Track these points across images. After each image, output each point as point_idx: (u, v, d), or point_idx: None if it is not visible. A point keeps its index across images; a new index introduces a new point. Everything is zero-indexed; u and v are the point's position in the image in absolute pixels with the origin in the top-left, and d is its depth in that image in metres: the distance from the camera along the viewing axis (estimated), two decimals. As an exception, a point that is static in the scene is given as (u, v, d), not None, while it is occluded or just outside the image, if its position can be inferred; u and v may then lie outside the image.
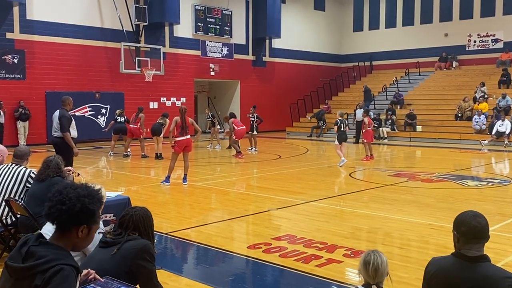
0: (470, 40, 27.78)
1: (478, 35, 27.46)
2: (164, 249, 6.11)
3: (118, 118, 16.23)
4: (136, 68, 21.08)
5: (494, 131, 20.02)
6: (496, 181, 11.32)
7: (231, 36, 26.05)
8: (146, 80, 21.35)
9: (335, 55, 32.32)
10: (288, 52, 29.00)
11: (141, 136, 15.94)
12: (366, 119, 15.20)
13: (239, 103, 26.73)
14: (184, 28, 23.86)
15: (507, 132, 19.74)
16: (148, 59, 21.50)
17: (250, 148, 17.73)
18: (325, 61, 31.55)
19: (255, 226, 7.35)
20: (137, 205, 3.68)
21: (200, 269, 5.62)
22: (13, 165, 5.63)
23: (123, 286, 2.71)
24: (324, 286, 4.84)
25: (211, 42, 25.26)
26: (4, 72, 18.57)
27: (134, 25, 21.79)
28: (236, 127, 16.52)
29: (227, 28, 25.84)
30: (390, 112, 23.58)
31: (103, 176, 12.79)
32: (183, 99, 23.85)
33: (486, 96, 22.83)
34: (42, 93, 19.49)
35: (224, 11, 25.58)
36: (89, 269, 2.83)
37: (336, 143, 13.93)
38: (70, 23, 20.12)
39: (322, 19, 31.28)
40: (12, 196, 5.36)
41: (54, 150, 8.93)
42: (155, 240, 4.09)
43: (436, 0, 28.69)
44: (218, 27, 25.44)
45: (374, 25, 31.37)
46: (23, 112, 18.77)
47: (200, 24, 24.62)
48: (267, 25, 26.41)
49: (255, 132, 17.80)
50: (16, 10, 18.67)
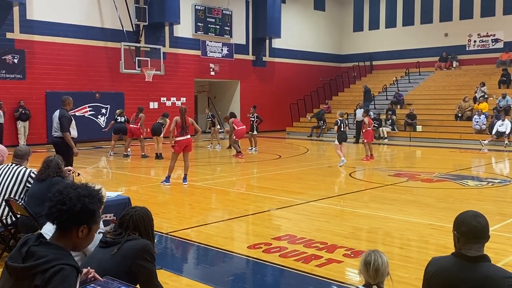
0: (470, 40, 27.78)
1: (478, 35, 27.46)
2: (164, 249, 6.11)
3: (118, 118, 16.23)
4: (136, 68, 21.08)
5: (494, 131, 20.01)
6: (496, 181, 11.32)
7: (231, 36, 26.05)
8: (146, 80, 21.35)
9: (335, 55, 32.32)
10: (288, 52, 28.99)
11: (141, 136, 15.94)
12: (366, 119, 15.20)
13: (239, 103, 26.73)
14: (184, 28, 23.86)
15: (507, 132, 19.74)
16: (148, 59, 21.49)
17: (250, 148, 17.72)
18: (325, 61, 31.55)
19: (255, 226, 7.35)
20: (137, 205, 3.68)
21: (200, 269, 5.62)
22: (13, 165, 5.63)
23: (123, 286, 2.71)
24: (324, 286, 4.84)
25: (211, 42, 25.26)
26: (4, 72, 18.57)
27: (134, 25, 21.79)
28: (236, 127, 16.52)
29: (227, 28, 25.84)
30: (390, 112, 23.58)
31: (103, 176, 12.80)
32: (183, 99, 23.85)
33: (486, 96, 22.83)
34: (42, 93, 19.50)
35: (224, 11, 25.58)
36: (88, 267, 2.83)
37: (336, 143, 13.93)
38: (70, 23, 20.12)
39: (322, 19, 31.27)
40: (12, 196, 5.36)
41: (54, 150, 8.93)
42: (155, 240, 4.09)
43: (436, 0, 28.68)
44: (218, 27, 25.44)
45: (374, 25, 31.36)
46: (23, 112, 18.77)
47: (200, 24, 24.62)
48: (267, 25, 26.40)
49: (255, 132, 17.80)
50: (16, 10, 18.67)
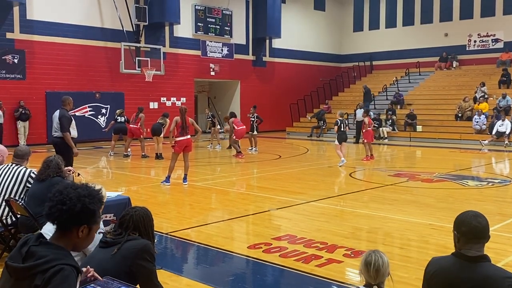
0: (470, 40, 27.77)
1: (478, 35, 27.46)
2: (164, 249, 6.11)
3: (118, 118, 16.23)
4: (136, 68, 21.08)
5: (494, 131, 20.01)
6: (496, 181, 11.32)
7: (231, 36, 26.05)
8: (146, 80, 21.35)
9: (335, 55, 32.31)
10: (288, 52, 28.99)
11: (141, 136, 15.95)
12: (366, 119, 15.20)
13: (239, 103, 26.72)
14: (184, 28, 23.86)
15: (507, 132, 19.74)
16: (148, 59, 21.49)
17: (250, 148, 17.72)
18: (325, 61, 31.54)
19: (255, 226, 7.35)
20: (137, 205, 3.68)
21: (200, 269, 5.62)
22: (13, 165, 5.63)
23: (123, 286, 2.71)
24: (324, 286, 4.84)
25: (211, 42, 25.25)
26: (4, 72, 18.57)
27: (134, 25, 21.78)
28: (236, 127, 16.52)
29: (227, 28, 25.84)
30: (390, 112, 23.57)
31: (103, 176, 12.80)
32: (183, 99, 23.85)
33: (486, 96, 22.83)
34: (42, 93, 19.50)
35: (224, 11, 25.58)
36: (88, 266, 2.83)
37: (336, 143, 13.93)
38: (70, 23, 20.11)
39: (322, 19, 31.27)
40: (12, 196, 5.36)
41: (54, 150, 8.93)
42: (155, 240, 4.08)
43: (436, 0, 28.68)
44: (218, 27, 25.44)
45: (374, 25, 31.36)
46: (23, 112, 18.77)
47: (200, 24, 24.62)
48: (267, 25, 26.40)
49: (255, 132, 17.79)
50: (16, 10, 18.67)
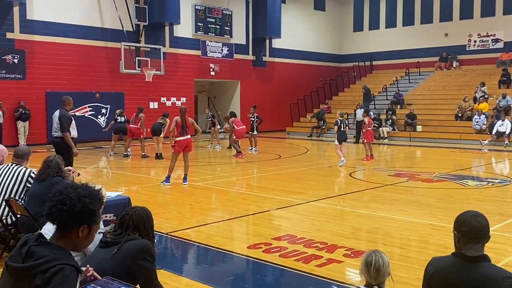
0: (470, 40, 27.77)
1: (478, 35, 27.46)
2: (164, 249, 6.11)
3: (118, 118, 16.23)
4: (136, 68, 21.08)
5: (494, 131, 20.01)
6: (496, 181, 11.32)
7: (231, 36, 26.04)
8: (146, 80, 21.35)
9: (335, 55, 32.31)
10: (288, 52, 28.99)
11: (141, 136, 15.94)
12: (366, 119, 15.20)
13: (239, 103, 26.72)
14: (184, 28, 23.86)
15: (507, 132, 19.74)
16: (148, 59, 21.49)
17: (250, 148, 17.72)
18: (325, 61, 31.54)
19: (255, 226, 7.35)
20: (137, 205, 3.68)
21: (200, 269, 5.62)
22: (13, 165, 5.62)
23: (123, 286, 2.71)
24: (324, 286, 4.84)
25: (211, 42, 25.25)
26: (4, 72, 18.57)
27: (134, 25, 21.78)
28: (236, 127, 16.52)
29: (227, 28, 25.83)
30: (390, 112, 23.57)
31: (103, 176, 12.80)
32: (183, 99, 23.85)
33: (486, 96, 22.83)
34: (42, 93, 19.49)
35: (224, 11, 25.58)
36: (88, 265, 2.83)
37: (336, 143, 13.93)
38: (70, 23, 20.11)
39: (322, 19, 31.27)
40: (12, 196, 5.36)
41: (54, 150, 8.93)
42: (155, 240, 4.08)
43: (436, 0, 28.68)
44: (218, 27, 25.44)
45: (374, 25, 31.36)
46: (23, 112, 18.77)
47: (200, 24, 24.61)
48: (267, 25, 26.40)
49: (255, 132, 17.79)
50: (16, 10, 18.66)
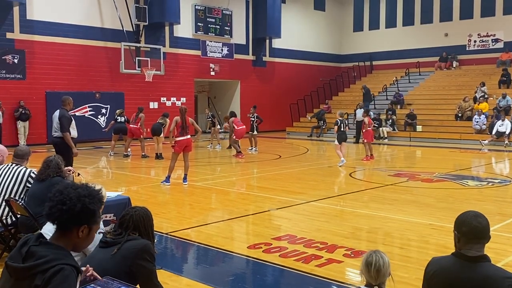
0: (470, 40, 27.77)
1: (478, 35, 27.46)
2: (164, 249, 6.11)
3: (118, 118, 16.23)
4: (136, 68, 21.08)
5: (494, 131, 20.01)
6: (496, 181, 11.32)
7: (231, 36, 26.04)
8: (146, 80, 21.35)
9: (335, 55, 32.31)
10: (288, 52, 28.99)
11: (141, 136, 15.94)
12: (366, 119, 15.20)
13: (239, 103, 26.72)
14: (184, 28, 23.86)
15: (507, 132, 19.73)
16: (148, 59, 21.49)
17: (250, 148, 17.72)
18: (325, 61, 31.54)
19: (255, 226, 7.35)
20: (137, 205, 3.68)
21: (200, 269, 5.62)
22: (13, 165, 5.62)
23: (123, 286, 2.71)
24: (324, 286, 4.84)
25: (211, 42, 25.25)
26: (4, 72, 18.57)
27: (134, 25, 21.78)
28: (236, 127, 16.51)
29: (227, 28, 25.83)
30: (390, 112, 23.57)
31: (103, 176, 12.79)
32: (183, 99, 23.85)
33: (486, 96, 22.83)
34: (42, 93, 19.49)
35: (224, 11, 25.58)
36: (87, 265, 2.83)
37: (336, 143, 13.93)
38: (70, 23, 20.11)
39: (322, 19, 31.27)
40: (12, 196, 5.36)
41: (54, 150, 8.93)
42: (155, 240, 4.08)
43: (436, 0, 28.68)
44: (218, 27, 25.43)
45: (374, 25, 31.36)
46: (23, 112, 18.77)
47: (200, 24, 24.61)
48: (267, 25, 26.40)
49: (255, 132, 17.79)
50: (16, 10, 18.66)
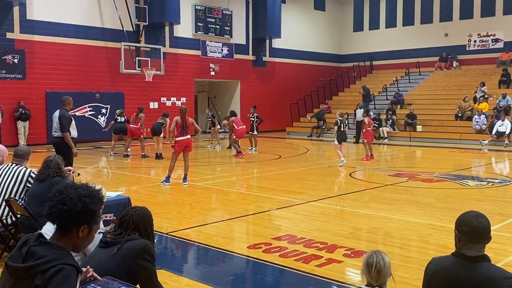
0: (470, 40, 27.77)
1: (478, 35, 27.46)
2: (164, 249, 6.11)
3: (118, 118, 16.23)
4: (136, 68, 21.08)
5: (494, 131, 20.01)
6: (496, 181, 11.32)
7: (231, 36, 26.04)
8: (146, 80, 21.35)
9: (335, 55, 32.31)
10: (288, 52, 28.99)
11: (141, 136, 15.94)
12: (366, 119, 15.20)
13: (239, 103, 26.71)
14: (184, 28, 23.86)
15: (507, 132, 19.73)
16: (148, 59, 21.49)
17: (250, 148, 17.72)
18: (325, 61, 31.54)
19: (255, 226, 7.35)
20: (137, 205, 3.68)
21: (200, 269, 5.62)
22: (13, 165, 5.62)
23: (123, 286, 2.71)
24: (324, 286, 4.84)
25: (211, 42, 25.25)
26: (4, 72, 18.56)
27: (134, 25, 21.78)
28: (236, 127, 16.51)
29: (227, 28, 25.83)
30: (390, 112, 23.57)
31: (103, 176, 12.79)
32: (183, 99, 23.85)
33: (486, 96, 22.83)
34: (42, 93, 19.49)
35: (224, 11, 25.58)
36: (88, 266, 2.83)
37: (336, 143, 13.93)
38: (70, 23, 20.11)
39: (322, 19, 31.27)
40: (12, 196, 5.36)
41: (54, 150, 8.93)
42: (155, 240, 4.09)
43: (436, 0, 28.68)
44: (218, 27, 25.43)
45: (374, 25, 31.36)
46: (23, 112, 18.76)
47: (200, 24, 24.62)
48: (267, 25, 26.40)
49: (255, 132, 17.79)
50: (16, 10, 18.66)
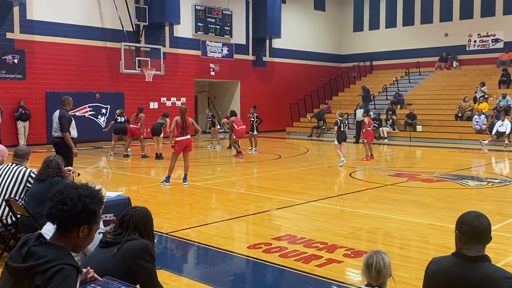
0: (470, 40, 27.77)
1: (478, 35, 27.46)
2: (164, 249, 6.11)
3: (118, 118, 16.23)
4: (136, 68, 21.08)
5: (494, 131, 20.00)
6: (496, 181, 11.32)
7: (231, 36, 26.04)
8: (146, 80, 21.35)
9: (335, 55, 32.31)
10: (288, 52, 28.99)
11: (141, 136, 15.94)
12: (366, 119, 15.20)
13: (239, 103, 26.71)
14: (184, 28, 23.86)
15: (507, 132, 19.73)
16: (148, 59, 21.49)
17: (250, 148, 17.72)
18: (325, 61, 31.54)
19: (255, 226, 7.35)
20: (137, 205, 3.68)
21: (200, 269, 5.62)
22: (13, 165, 5.62)
23: (123, 286, 2.71)
24: (324, 286, 4.84)
25: (211, 42, 25.25)
26: (4, 72, 18.56)
27: (134, 25, 21.78)
28: (236, 127, 16.50)
29: (227, 28, 25.83)
30: (390, 112, 23.57)
31: (103, 176, 12.79)
32: (183, 99, 23.85)
33: (486, 96, 22.83)
34: (42, 93, 19.49)
35: (224, 11, 25.58)
36: (88, 267, 2.83)
37: (335, 143, 13.93)
38: (70, 23, 20.11)
39: (322, 19, 31.27)
40: (12, 196, 5.36)
41: (54, 150, 8.93)
42: (155, 240, 4.08)
43: (436, 0, 28.68)
44: (218, 27, 25.44)
45: (374, 25, 31.35)
46: (23, 112, 18.76)
47: (200, 24, 24.62)
48: (267, 25, 26.40)
49: (255, 132, 17.79)
50: (16, 10, 18.66)
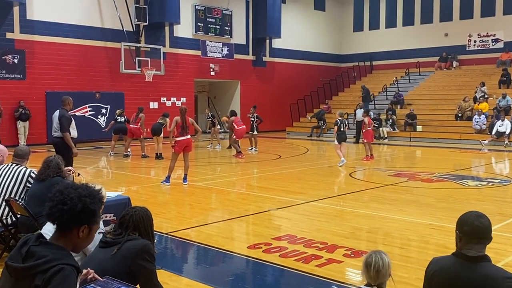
0: (470, 40, 27.77)
1: (478, 35, 27.46)
2: (164, 249, 6.11)
3: (118, 118, 16.23)
4: (136, 68, 21.08)
5: (494, 131, 20.00)
6: (496, 181, 11.32)
7: (231, 36, 26.04)
8: (146, 80, 21.35)
9: (335, 55, 32.31)
10: (288, 52, 28.99)
11: (141, 136, 15.94)
12: (366, 119, 15.20)
13: (239, 103, 26.70)
14: (184, 28, 23.86)
15: (507, 132, 19.73)
16: (148, 59, 21.49)
17: (250, 148, 17.72)
18: (325, 61, 31.54)
19: (255, 226, 7.35)
20: (137, 205, 3.68)
21: (200, 269, 5.62)
22: (13, 165, 5.62)
23: (123, 286, 2.71)
24: (324, 286, 4.84)
25: (211, 42, 25.25)
26: (4, 72, 18.56)
27: (134, 25, 21.78)
28: (236, 127, 16.50)
29: (227, 28, 25.84)
30: (390, 112, 23.57)
31: (103, 176, 12.79)
32: (183, 99, 23.85)
33: (486, 96, 22.83)
34: (42, 93, 19.49)
35: (224, 11, 25.58)
36: (88, 268, 2.83)
37: (335, 143, 13.93)
38: (70, 23, 20.11)
39: (322, 19, 31.27)
40: (12, 196, 5.36)
41: (54, 150, 8.94)
42: (155, 240, 4.08)
43: (436, 0, 28.68)
44: (218, 27, 25.44)
45: (374, 25, 31.36)
46: (23, 112, 18.76)
47: (200, 24, 24.62)
48: (267, 25, 26.40)
49: (255, 132, 17.78)
50: (16, 10, 18.66)
